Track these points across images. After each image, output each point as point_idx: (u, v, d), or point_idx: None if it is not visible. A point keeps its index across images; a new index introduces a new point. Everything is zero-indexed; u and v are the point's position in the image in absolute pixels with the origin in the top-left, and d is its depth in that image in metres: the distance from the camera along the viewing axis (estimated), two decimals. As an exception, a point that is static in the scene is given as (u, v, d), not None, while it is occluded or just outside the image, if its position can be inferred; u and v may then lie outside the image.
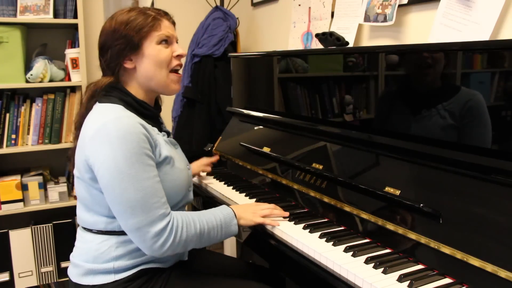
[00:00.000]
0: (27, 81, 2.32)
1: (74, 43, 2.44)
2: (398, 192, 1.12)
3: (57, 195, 2.43)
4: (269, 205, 1.34)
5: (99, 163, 1.11)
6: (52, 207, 2.41)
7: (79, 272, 1.21)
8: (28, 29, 2.43)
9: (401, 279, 0.95)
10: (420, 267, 1.01)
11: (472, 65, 1.08)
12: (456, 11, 1.37)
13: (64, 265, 2.46)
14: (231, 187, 1.64)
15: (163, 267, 1.25)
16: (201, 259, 1.44)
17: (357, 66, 1.40)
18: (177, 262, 1.31)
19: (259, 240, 1.34)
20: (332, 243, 1.13)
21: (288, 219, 1.30)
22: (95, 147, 1.12)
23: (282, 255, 1.21)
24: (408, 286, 0.93)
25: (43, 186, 2.40)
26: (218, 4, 2.59)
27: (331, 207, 1.30)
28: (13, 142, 2.35)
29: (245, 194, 1.55)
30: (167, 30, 1.24)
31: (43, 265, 2.44)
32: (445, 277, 0.96)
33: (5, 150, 2.31)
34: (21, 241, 2.38)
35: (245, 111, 1.96)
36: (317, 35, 1.67)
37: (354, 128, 1.40)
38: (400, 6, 1.58)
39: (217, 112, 2.43)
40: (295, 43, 2.19)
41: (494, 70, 1.02)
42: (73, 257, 1.26)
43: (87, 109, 1.23)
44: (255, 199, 1.49)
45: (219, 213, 1.24)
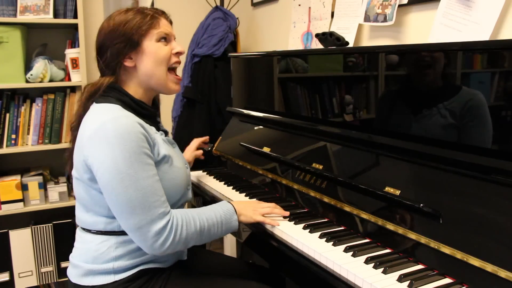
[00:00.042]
0: (27, 81, 2.32)
1: (74, 43, 2.44)
2: (398, 192, 1.12)
3: (57, 195, 2.43)
4: (269, 204, 1.34)
5: (98, 163, 1.10)
6: (52, 207, 2.41)
7: (78, 272, 1.21)
8: (28, 29, 2.43)
9: (401, 279, 0.95)
10: (420, 267, 1.01)
11: (472, 65, 1.08)
12: (456, 11, 1.37)
13: (64, 265, 2.46)
14: (231, 187, 1.64)
15: (162, 267, 1.25)
16: (201, 259, 1.44)
17: (357, 66, 1.40)
18: (177, 262, 1.31)
19: (259, 240, 1.34)
20: (332, 243, 1.13)
21: (288, 219, 1.30)
22: (94, 147, 1.11)
23: (282, 255, 1.21)
24: (408, 286, 0.93)
25: (43, 186, 2.40)
26: (218, 4, 2.59)
27: (331, 207, 1.30)
28: (13, 142, 2.35)
29: (245, 194, 1.55)
30: (166, 28, 1.26)
31: (43, 265, 2.44)
32: (445, 277, 0.96)
33: (5, 150, 2.31)
34: (21, 241, 2.38)
35: (245, 111, 1.96)
36: (317, 35, 1.67)
37: (354, 128, 1.40)
38: (400, 6, 1.58)
39: (217, 112, 2.43)
40: (295, 43, 2.19)
41: (494, 70, 1.02)
42: (72, 258, 1.26)
43: (84, 109, 1.23)
44: (255, 199, 1.49)
45: (220, 210, 1.24)
